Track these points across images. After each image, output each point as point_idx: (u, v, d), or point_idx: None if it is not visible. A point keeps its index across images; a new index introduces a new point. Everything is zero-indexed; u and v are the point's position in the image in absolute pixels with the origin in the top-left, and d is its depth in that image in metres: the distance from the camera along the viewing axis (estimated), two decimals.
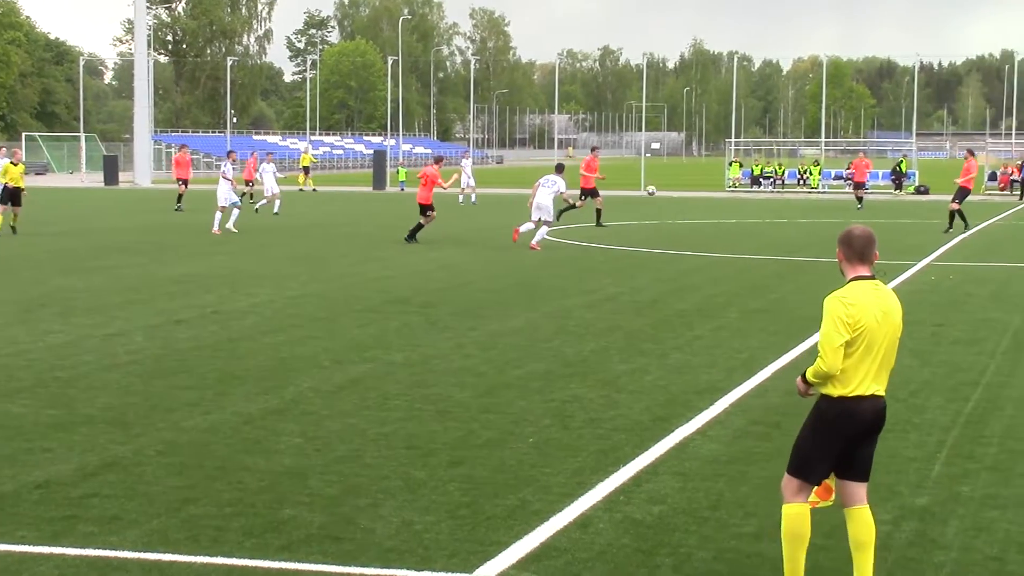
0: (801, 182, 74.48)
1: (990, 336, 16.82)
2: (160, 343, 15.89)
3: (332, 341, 16.16)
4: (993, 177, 71.32)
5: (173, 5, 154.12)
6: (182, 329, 17.12)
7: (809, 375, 7.01)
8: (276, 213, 44.69)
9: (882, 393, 7.03)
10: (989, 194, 67.44)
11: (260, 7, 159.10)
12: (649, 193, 42.86)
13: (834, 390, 6.94)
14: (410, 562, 7.67)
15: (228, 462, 9.98)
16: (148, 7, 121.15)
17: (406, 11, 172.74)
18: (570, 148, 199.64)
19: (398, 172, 75.56)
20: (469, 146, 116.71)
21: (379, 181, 74.58)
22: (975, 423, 11.58)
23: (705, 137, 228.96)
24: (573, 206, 38.26)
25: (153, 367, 14.20)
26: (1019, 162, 72.23)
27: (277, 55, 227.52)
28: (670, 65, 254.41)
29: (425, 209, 31.94)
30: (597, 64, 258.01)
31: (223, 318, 18.26)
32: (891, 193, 69.04)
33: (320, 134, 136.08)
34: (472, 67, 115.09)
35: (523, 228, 30.86)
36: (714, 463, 10.08)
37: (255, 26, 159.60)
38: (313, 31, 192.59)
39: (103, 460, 10.02)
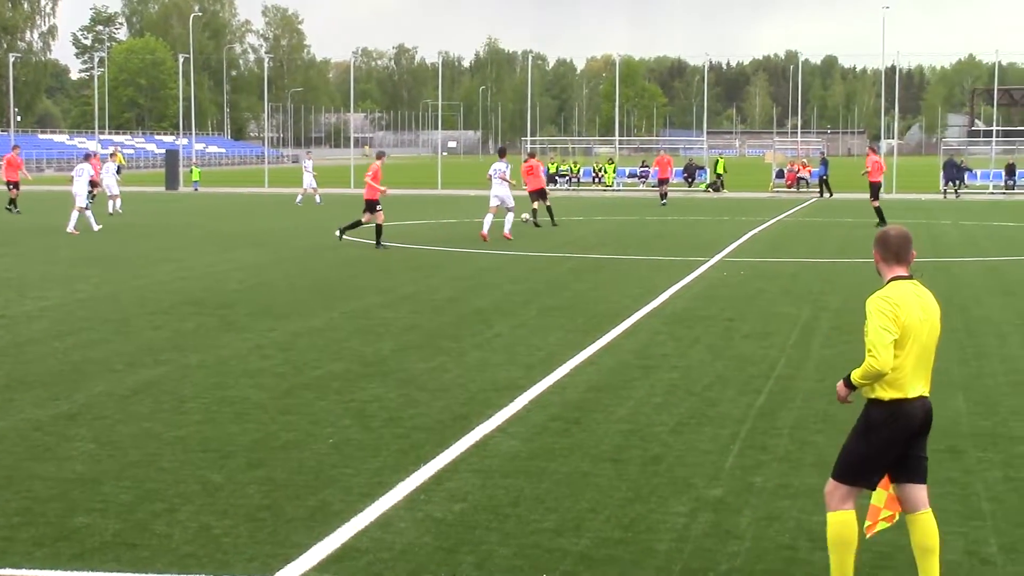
0: (596, 180, 75.57)
1: (780, 329, 17.27)
2: None
3: (125, 344, 15.81)
4: (780, 175, 73.34)
5: None
6: None
7: (856, 377, 6.87)
8: (111, 213, 43.46)
9: (927, 394, 6.97)
10: (777, 192, 69.33)
11: (44, 2, 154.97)
12: (524, 219, 42.25)
13: (885, 393, 6.84)
14: (208, 567, 7.55)
15: (16, 471, 9.69)
16: None
17: (197, 8, 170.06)
18: (366, 147, 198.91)
19: (191, 171, 74.37)
20: (263, 146, 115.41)
21: (172, 181, 73.28)
22: (767, 415, 11.87)
23: (501, 135, 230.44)
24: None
25: None
26: (805, 160, 74.47)
27: (63, 52, 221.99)
28: (466, 64, 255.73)
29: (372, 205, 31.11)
30: (393, 63, 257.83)
31: (9, 322, 17.73)
32: (684, 190, 70.45)
33: (110, 133, 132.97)
34: (266, 65, 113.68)
35: (487, 224, 32.30)
36: (514, 460, 10.15)
37: (38, 22, 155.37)
38: (100, 27, 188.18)
39: None
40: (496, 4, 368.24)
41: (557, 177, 74.38)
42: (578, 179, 75.63)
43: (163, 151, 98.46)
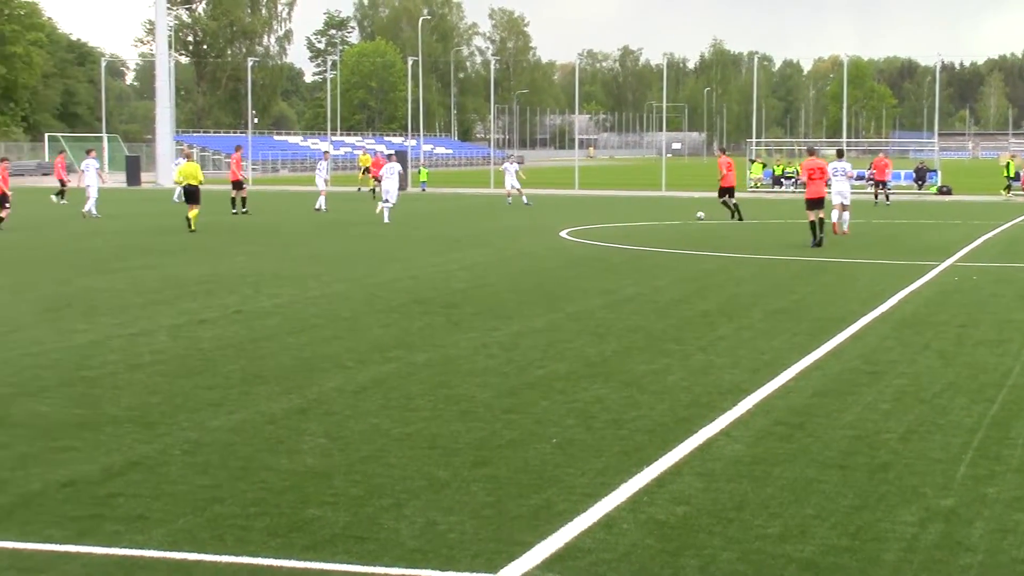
0: None
1: (1015, 337, 16.75)
2: (184, 343, 15.94)
3: (355, 341, 16.18)
4: (1017, 177, 70.97)
5: (194, 6, 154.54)
6: (206, 329, 17.17)
7: None
8: (87, 212, 44.06)
9: None
10: (1016, 195, 67.14)
11: (280, 8, 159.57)
12: (699, 218, 42.88)
13: None
14: (434, 562, 7.67)
15: (252, 462, 10.00)
16: (169, 8, 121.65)
17: (426, 11, 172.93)
18: (591, 148, 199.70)
19: (420, 172, 75.60)
20: (490, 147, 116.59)
21: (400, 181, 74.64)
22: (1000, 425, 11.53)
23: (726, 137, 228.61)
24: None
25: (177, 367, 14.25)
26: None
27: (297, 56, 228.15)
28: (690, 65, 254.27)
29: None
30: (617, 64, 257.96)
31: (246, 318, 18.31)
32: (914, 193, 68.81)
33: (341, 134, 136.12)
34: (492, 67, 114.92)
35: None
36: (738, 464, 10.06)
37: (275, 27, 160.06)
38: (333, 32, 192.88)
39: (128, 459, 10.05)
40: (721, 5, 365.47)
41: (783, 179, 73.39)
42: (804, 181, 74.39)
43: (392, 152, 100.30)
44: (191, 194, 37.47)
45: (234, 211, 45.35)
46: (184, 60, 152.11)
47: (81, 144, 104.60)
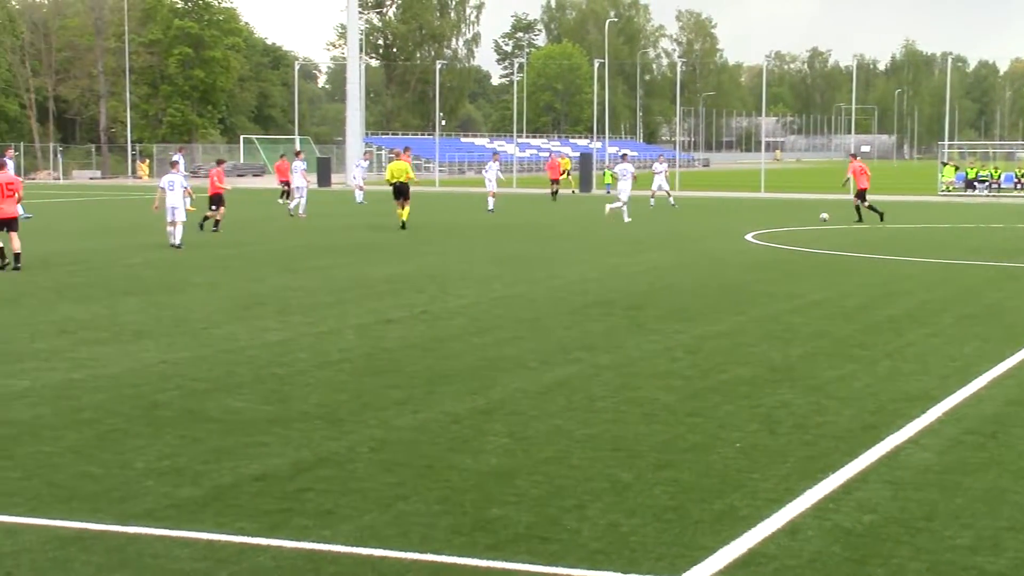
0: (1018, 186, 72.34)
1: None
2: (371, 342, 16.20)
3: (538, 342, 16.27)
4: None
5: (384, 10, 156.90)
6: (392, 328, 17.43)
7: None
8: (295, 212, 45.36)
9: None
10: None
11: (468, 11, 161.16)
12: (823, 219, 42.63)
13: None
14: (616, 564, 7.68)
15: (437, 461, 10.12)
16: (360, 12, 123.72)
17: (612, 14, 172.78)
18: (778, 151, 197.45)
19: (604, 174, 75.66)
20: (675, 149, 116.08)
21: (585, 183, 74.79)
22: None
23: (917, 140, 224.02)
24: None
25: (364, 365, 14.49)
26: None
27: (485, 58, 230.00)
28: (881, 66, 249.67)
29: None
30: (806, 66, 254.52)
31: (432, 318, 18.54)
32: None
33: (527, 136, 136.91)
34: (678, 69, 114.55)
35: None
36: (926, 472, 9.86)
37: (463, 30, 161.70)
38: (520, 34, 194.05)
39: (317, 456, 10.26)
40: (913, 5, 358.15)
41: (976, 183, 71.65)
42: (998, 185, 72.60)
43: (577, 154, 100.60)
44: (400, 191, 38.17)
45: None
46: (374, 63, 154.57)
47: (275, 146, 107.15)
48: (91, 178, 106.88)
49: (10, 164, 46.66)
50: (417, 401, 12.49)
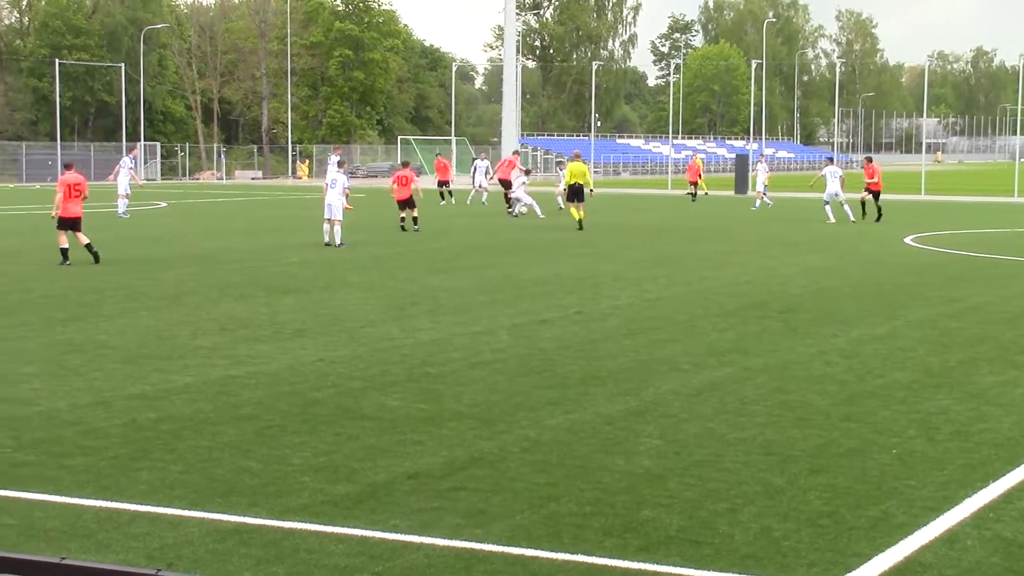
0: None
1: None
2: (524, 342, 16.27)
3: (691, 344, 16.19)
4: None
5: (541, 11, 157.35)
6: (545, 329, 17.48)
7: None
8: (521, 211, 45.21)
9: None
10: None
11: (625, 12, 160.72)
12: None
13: None
14: (769, 569, 7.61)
15: (589, 461, 10.13)
16: (517, 14, 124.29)
17: (771, 14, 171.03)
18: (939, 153, 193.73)
19: None
20: (833, 151, 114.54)
21: (740, 185, 74.17)
22: None
23: None
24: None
25: (517, 366, 14.56)
26: None
27: (641, 59, 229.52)
28: None
29: None
30: (969, 66, 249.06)
31: (584, 319, 18.55)
32: None
33: (682, 138, 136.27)
34: (837, 70, 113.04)
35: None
36: None
37: (620, 31, 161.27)
38: (677, 35, 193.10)
39: (470, 455, 10.33)
40: None
41: None
42: None
43: (733, 155, 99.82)
44: (577, 193, 38.51)
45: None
46: (530, 64, 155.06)
47: (431, 147, 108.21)
48: (252, 178, 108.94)
49: (126, 163, 48.38)
50: (570, 402, 12.51)
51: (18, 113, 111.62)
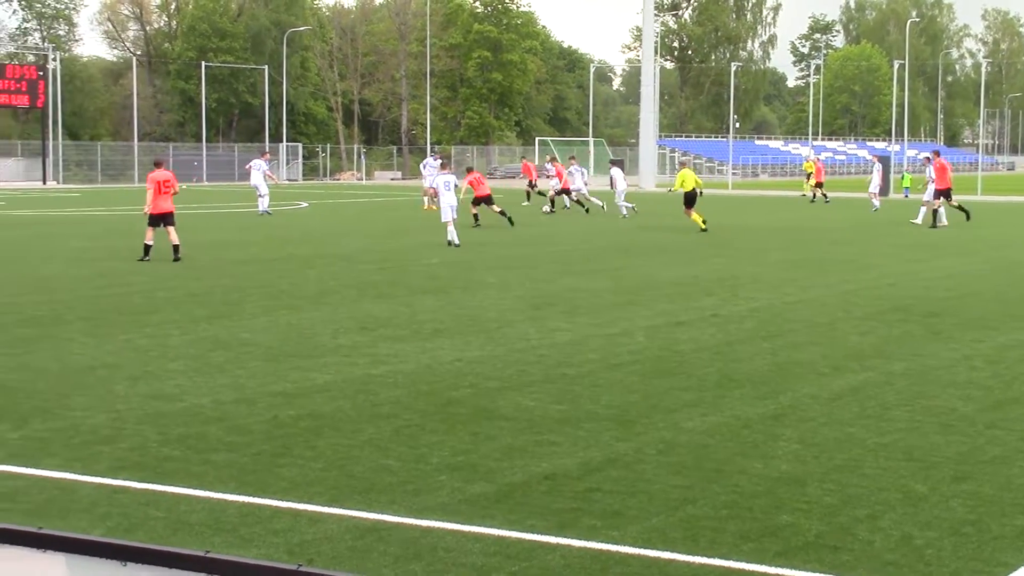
0: None
1: None
2: (660, 344, 16.21)
3: (831, 348, 15.99)
4: None
5: (680, 12, 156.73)
6: (682, 331, 17.40)
7: None
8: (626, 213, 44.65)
9: None
10: None
11: (765, 12, 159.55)
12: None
13: None
14: None
15: (726, 464, 10.06)
16: (656, 15, 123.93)
17: (914, 13, 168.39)
18: None
19: (903, 178, 73.76)
20: (977, 153, 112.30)
21: (883, 187, 73.05)
22: None
23: None
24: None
25: (654, 367, 14.51)
26: None
27: (781, 60, 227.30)
28: None
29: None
30: None
31: (722, 321, 18.43)
32: None
33: (822, 139, 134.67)
34: (983, 70, 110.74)
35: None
36: None
37: (759, 31, 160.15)
38: (817, 35, 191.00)
39: (606, 456, 10.32)
40: None
41: None
42: None
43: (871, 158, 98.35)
44: (692, 199, 38.66)
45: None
46: (669, 65, 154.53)
47: (567, 148, 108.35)
48: (392, 179, 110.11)
49: (259, 165, 49.64)
50: (707, 404, 12.44)
51: (166, 115, 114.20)
